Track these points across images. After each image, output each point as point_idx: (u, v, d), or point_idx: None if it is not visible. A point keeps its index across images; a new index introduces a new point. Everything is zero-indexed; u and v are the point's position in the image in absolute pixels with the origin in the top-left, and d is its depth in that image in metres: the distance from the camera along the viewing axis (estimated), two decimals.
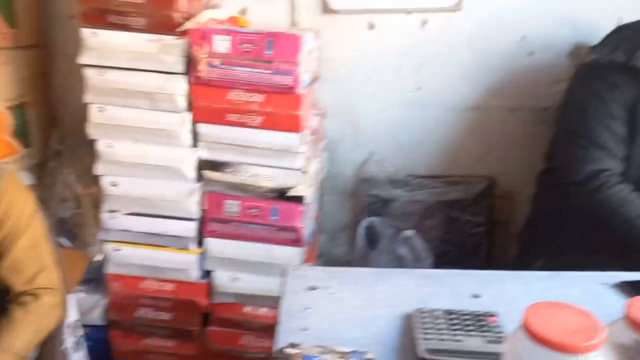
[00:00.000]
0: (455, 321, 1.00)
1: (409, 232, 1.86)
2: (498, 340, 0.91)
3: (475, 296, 1.14)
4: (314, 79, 1.72)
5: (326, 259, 2.05)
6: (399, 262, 1.83)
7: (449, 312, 1.03)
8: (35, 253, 1.24)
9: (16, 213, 1.22)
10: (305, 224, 1.63)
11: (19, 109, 1.74)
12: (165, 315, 1.73)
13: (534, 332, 0.60)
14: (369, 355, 0.83)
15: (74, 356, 1.65)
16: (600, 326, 0.61)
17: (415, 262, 1.82)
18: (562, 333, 0.60)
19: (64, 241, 1.76)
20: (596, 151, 1.45)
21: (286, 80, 1.47)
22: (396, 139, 1.95)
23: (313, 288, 1.15)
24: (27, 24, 1.77)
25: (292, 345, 0.84)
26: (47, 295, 1.23)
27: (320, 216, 1.97)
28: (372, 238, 1.90)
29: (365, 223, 1.92)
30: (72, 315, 1.64)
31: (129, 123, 1.54)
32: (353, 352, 0.83)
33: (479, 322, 1.00)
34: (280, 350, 0.87)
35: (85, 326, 1.74)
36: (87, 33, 1.50)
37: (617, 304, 0.74)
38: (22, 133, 1.76)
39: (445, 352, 0.92)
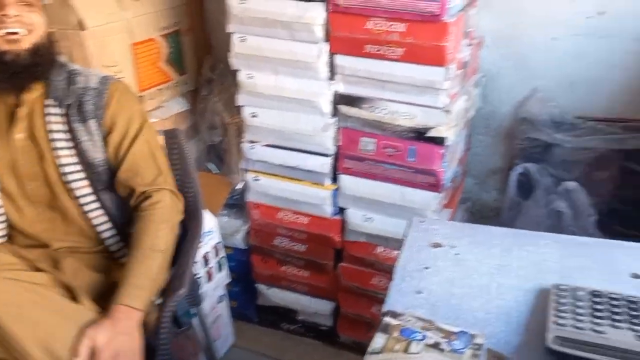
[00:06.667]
0: (601, 306, 0.83)
1: (571, 184, 1.61)
2: None
3: (637, 276, 0.94)
4: (469, 3, 1.51)
5: (472, 204, 1.90)
6: (555, 218, 1.61)
7: (596, 294, 0.86)
8: (153, 158, 1.25)
9: (125, 118, 1.23)
10: (446, 168, 1.49)
11: (174, 36, 1.80)
12: (300, 247, 1.75)
13: None
14: (478, 340, 0.71)
15: (216, 275, 1.77)
16: None
17: (575, 220, 1.59)
18: None
19: (212, 167, 1.85)
20: None
21: (431, 6, 1.30)
22: (567, 74, 1.66)
23: (437, 245, 1.05)
24: None
25: (394, 315, 0.75)
26: (168, 195, 1.23)
27: (467, 158, 1.81)
28: (525, 187, 1.69)
29: (520, 169, 1.70)
30: (215, 238, 1.75)
31: (268, 54, 1.50)
32: (461, 332, 0.72)
33: (633, 310, 0.82)
34: (383, 315, 0.80)
35: (228, 247, 1.86)
36: None
37: None
38: (177, 60, 1.83)
39: (579, 344, 0.77)
